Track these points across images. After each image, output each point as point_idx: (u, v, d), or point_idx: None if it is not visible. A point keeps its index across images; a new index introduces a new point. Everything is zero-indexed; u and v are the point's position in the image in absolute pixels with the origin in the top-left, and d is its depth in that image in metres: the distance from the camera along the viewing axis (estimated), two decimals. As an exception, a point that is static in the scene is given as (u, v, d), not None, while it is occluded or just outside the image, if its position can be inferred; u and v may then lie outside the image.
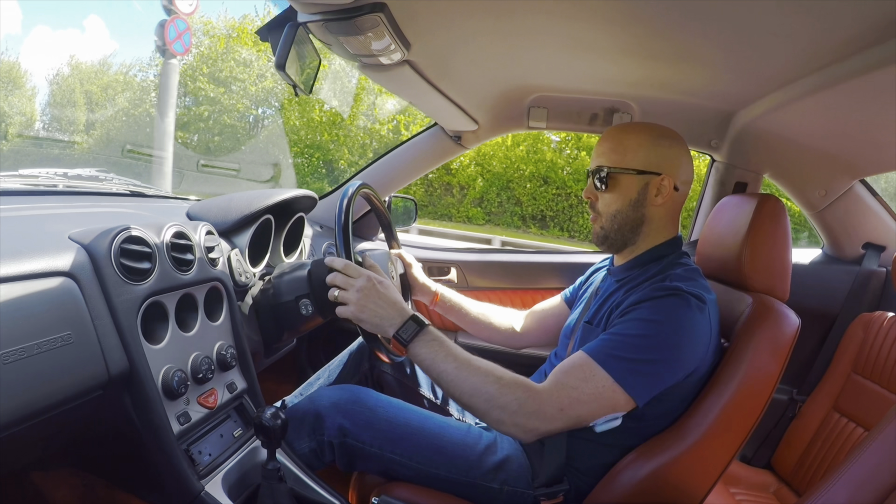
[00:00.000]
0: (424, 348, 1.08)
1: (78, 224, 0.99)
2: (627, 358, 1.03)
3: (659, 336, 1.04)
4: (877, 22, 0.92)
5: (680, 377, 1.06)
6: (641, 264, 1.21)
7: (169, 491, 1.00)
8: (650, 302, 1.07)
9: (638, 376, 1.03)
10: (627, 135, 1.20)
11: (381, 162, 2.13)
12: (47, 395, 0.80)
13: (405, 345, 1.09)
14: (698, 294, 1.07)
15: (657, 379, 1.04)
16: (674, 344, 1.04)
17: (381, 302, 1.11)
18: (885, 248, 1.85)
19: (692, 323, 1.05)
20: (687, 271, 1.15)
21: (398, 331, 1.09)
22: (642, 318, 1.06)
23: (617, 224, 1.20)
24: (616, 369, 1.02)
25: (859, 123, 1.34)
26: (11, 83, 17.74)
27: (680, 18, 1.04)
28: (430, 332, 1.10)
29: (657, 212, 1.19)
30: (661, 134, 1.20)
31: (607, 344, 1.06)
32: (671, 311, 1.05)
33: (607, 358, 1.04)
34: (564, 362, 1.09)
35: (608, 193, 1.20)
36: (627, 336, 1.05)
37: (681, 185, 1.20)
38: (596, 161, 1.21)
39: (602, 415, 1.04)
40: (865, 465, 1.00)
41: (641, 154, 1.17)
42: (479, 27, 1.18)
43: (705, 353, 1.09)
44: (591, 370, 1.04)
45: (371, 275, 1.13)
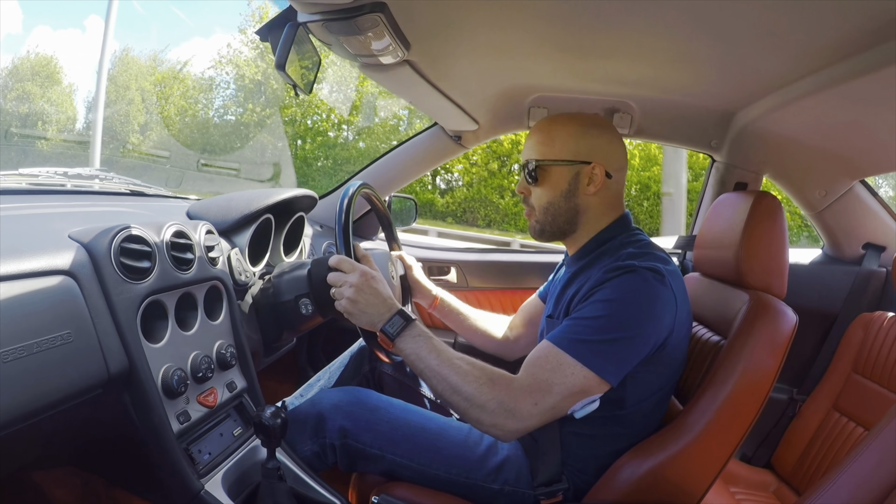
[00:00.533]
0: (410, 343, 1.09)
1: (78, 223, 0.99)
2: (590, 340, 1.03)
3: (619, 314, 1.04)
4: (876, 22, 0.92)
5: (648, 351, 1.06)
6: (590, 250, 1.20)
7: (169, 490, 1.00)
8: (607, 283, 1.07)
9: (604, 356, 1.02)
10: (555, 126, 1.20)
11: (381, 162, 2.13)
12: (47, 393, 0.80)
13: (392, 339, 1.10)
14: (653, 267, 1.06)
15: (623, 356, 1.04)
16: (635, 320, 1.04)
17: (371, 297, 1.11)
18: (885, 249, 1.85)
19: (652, 297, 1.05)
20: (638, 247, 1.14)
21: (385, 325, 1.10)
22: (600, 299, 1.06)
23: (550, 216, 1.20)
24: (581, 353, 1.02)
25: (859, 124, 1.34)
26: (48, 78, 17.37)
27: (680, 19, 1.04)
28: (417, 328, 1.11)
29: (592, 200, 1.19)
30: (589, 122, 1.19)
31: (569, 330, 1.06)
32: (627, 287, 1.05)
33: (570, 343, 1.03)
34: (531, 354, 1.09)
35: (539, 187, 1.20)
36: (587, 318, 1.05)
37: (614, 172, 1.18)
38: (525, 155, 1.22)
39: (575, 401, 1.03)
40: (865, 465, 1.00)
41: (570, 144, 1.17)
42: (479, 27, 1.18)
43: (672, 322, 1.07)
44: (558, 358, 1.03)
45: (364, 269, 1.14)
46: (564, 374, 1.02)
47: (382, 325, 1.10)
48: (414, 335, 1.10)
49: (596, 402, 1.05)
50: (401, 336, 1.09)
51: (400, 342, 1.09)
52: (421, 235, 7.61)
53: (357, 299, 1.11)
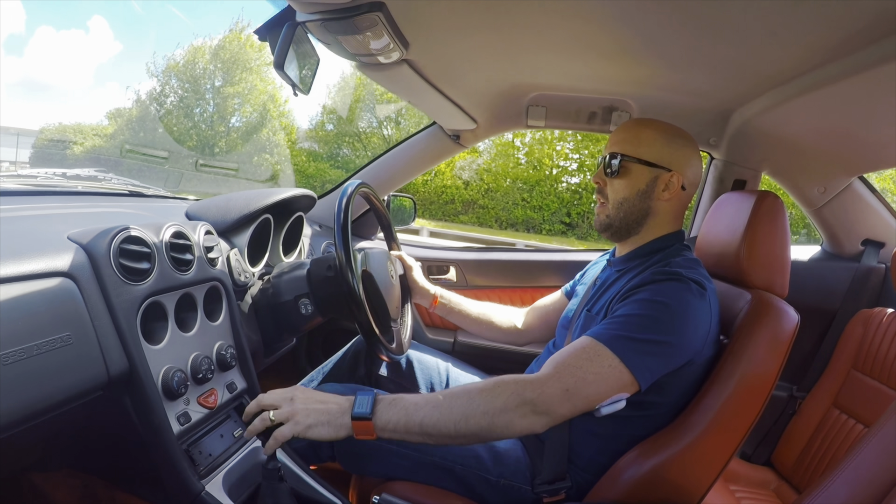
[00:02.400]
0: (390, 410, 0.98)
1: (77, 224, 0.99)
2: (632, 338, 1.02)
3: (663, 317, 1.04)
4: (874, 20, 0.92)
5: (681, 361, 1.06)
6: (642, 255, 1.22)
7: (169, 491, 1.00)
8: (652, 285, 1.08)
9: (643, 356, 1.02)
10: (645, 128, 1.22)
11: (379, 161, 2.13)
12: (47, 395, 0.80)
13: (370, 418, 0.96)
14: (699, 280, 1.08)
15: (661, 360, 1.04)
16: (677, 326, 1.04)
17: (318, 398, 1.00)
18: (885, 245, 1.85)
19: (694, 307, 1.05)
20: (687, 260, 1.15)
21: (354, 410, 0.97)
22: (645, 298, 1.06)
23: (623, 212, 1.22)
24: (621, 349, 1.01)
25: (857, 121, 1.34)
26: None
27: (678, 17, 1.04)
28: (384, 395, 1.01)
29: (662, 206, 1.20)
30: (677, 133, 1.21)
31: (611, 325, 1.06)
32: (674, 293, 1.05)
33: (612, 338, 1.03)
34: (565, 348, 1.08)
35: (618, 180, 1.21)
36: (631, 316, 1.05)
37: (688, 186, 1.21)
38: (611, 148, 1.23)
39: (607, 396, 1.02)
40: (865, 462, 1.01)
41: (655, 148, 1.19)
42: (477, 26, 1.18)
43: (705, 340, 1.08)
44: (596, 350, 1.02)
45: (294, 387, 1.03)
46: (601, 366, 1.01)
47: (352, 412, 0.97)
48: (388, 402, 0.99)
49: (622, 402, 1.04)
50: (377, 410, 0.97)
51: (379, 416, 0.97)
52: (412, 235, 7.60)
53: (308, 407, 0.97)
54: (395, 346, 1.34)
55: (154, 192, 1.68)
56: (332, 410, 0.97)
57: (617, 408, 1.04)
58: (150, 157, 13.74)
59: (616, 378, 1.01)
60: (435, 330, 2.10)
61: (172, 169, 14.72)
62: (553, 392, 0.99)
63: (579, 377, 1.01)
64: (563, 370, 1.02)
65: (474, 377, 1.56)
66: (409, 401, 0.99)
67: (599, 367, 1.01)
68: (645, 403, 1.11)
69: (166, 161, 15.22)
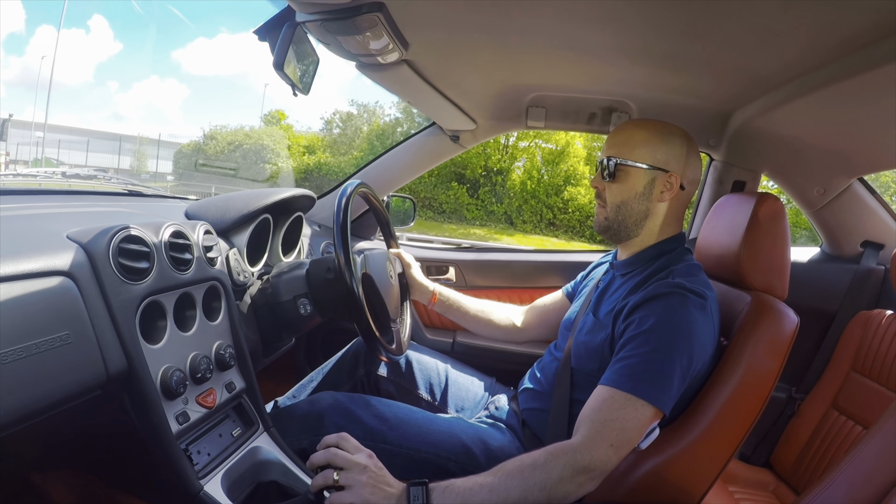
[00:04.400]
0: (446, 499, 0.95)
1: (76, 223, 0.98)
2: (650, 379, 1.03)
3: (670, 346, 1.05)
4: (873, 21, 0.92)
5: (693, 376, 1.08)
6: (644, 260, 1.22)
7: (168, 490, 1.00)
8: (654, 302, 1.08)
9: (663, 391, 1.03)
10: (640, 130, 1.22)
11: (379, 161, 2.14)
12: (46, 395, 0.79)
13: None
14: (700, 291, 1.08)
15: (677, 384, 1.05)
16: (684, 350, 1.05)
17: (387, 479, 0.97)
18: (884, 246, 1.85)
19: (697, 324, 1.06)
20: (688, 267, 1.16)
21: (410, 500, 0.94)
22: (649, 328, 1.06)
23: (621, 215, 1.22)
24: (644, 392, 1.02)
25: (856, 122, 1.34)
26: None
27: (677, 18, 1.04)
28: (437, 483, 0.97)
29: (662, 208, 1.20)
30: (673, 132, 1.21)
31: (625, 371, 1.06)
32: (676, 313, 1.06)
33: (633, 386, 1.03)
34: (590, 404, 1.07)
35: (615, 184, 1.21)
36: (642, 355, 1.05)
37: (687, 185, 1.21)
38: (607, 151, 1.23)
39: (644, 434, 1.04)
40: (864, 463, 1.01)
41: (651, 150, 1.19)
42: (477, 26, 1.18)
43: (708, 351, 1.10)
44: (623, 399, 1.03)
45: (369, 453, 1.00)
46: (633, 410, 1.02)
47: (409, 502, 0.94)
48: (443, 489, 0.96)
49: (657, 431, 1.06)
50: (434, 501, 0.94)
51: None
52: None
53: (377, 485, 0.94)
54: (395, 347, 1.34)
55: (153, 192, 1.68)
56: (392, 498, 0.94)
57: (653, 437, 1.05)
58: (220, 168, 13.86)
59: (649, 416, 1.03)
60: (434, 330, 2.10)
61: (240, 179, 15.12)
62: (602, 452, 1.00)
63: (619, 429, 1.01)
64: (602, 427, 1.02)
65: (473, 378, 1.56)
66: (464, 486, 0.97)
67: (633, 414, 1.02)
68: None
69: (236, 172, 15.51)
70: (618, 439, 1.01)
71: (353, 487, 0.93)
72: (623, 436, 1.01)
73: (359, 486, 0.93)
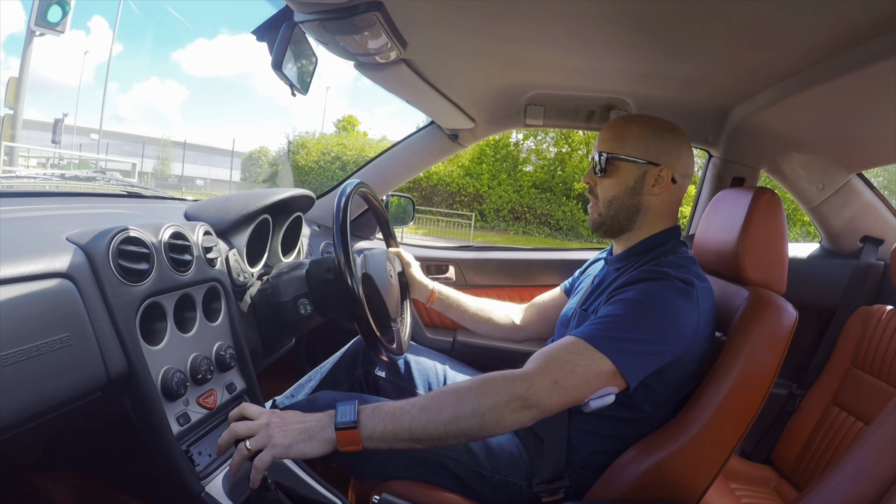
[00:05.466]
0: (375, 418, 0.94)
1: (75, 225, 0.98)
2: (617, 337, 1.02)
3: (645, 316, 1.04)
4: (872, 16, 0.92)
5: (667, 360, 1.06)
6: (637, 253, 1.22)
7: (169, 492, 1.00)
8: (637, 284, 1.08)
9: (629, 355, 1.02)
10: (630, 124, 1.22)
11: (377, 161, 2.13)
12: (47, 397, 0.79)
13: (356, 426, 0.93)
14: (686, 279, 1.08)
15: (646, 358, 1.04)
16: (659, 326, 1.04)
17: (294, 417, 0.96)
18: (883, 242, 1.86)
19: (677, 307, 1.05)
20: (680, 258, 1.16)
21: (338, 421, 0.93)
22: (628, 298, 1.07)
23: (613, 210, 1.22)
24: (607, 348, 1.01)
25: (855, 118, 1.34)
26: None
27: (676, 15, 1.04)
28: (365, 405, 0.97)
29: (654, 202, 1.20)
30: (663, 127, 1.21)
31: (595, 325, 1.06)
32: (657, 293, 1.06)
33: (597, 337, 1.03)
34: (551, 344, 1.08)
35: (606, 179, 1.21)
36: (614, 315, 1.05)
37: (679, 178, 1.20)
38: (598, 147, 1.23)
39: (596, 389, 1.01)
40: (865, 459, 1.01)
41: (642, 144, 1.19)
42: (475, 25, 1.18)
43: (692, 340, 1.08)
44: (582, 346, 1.02)
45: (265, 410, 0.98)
46: (588, 360, 1.01)
47: (335, 424, 0.93)
48: (371, 410, 0.96)
49: (611, 397, 1.03)
50: (361, 419, 0.94)
51: (365, 425, 0.93)
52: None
53: (286, 428, 0.93)
54: (396, 346, 1.34)
55: (152, 193, 1.68)
56: (313, 426, 0.93)
57: (605, 402, 1.02)
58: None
59: (604, 372, 1.01)
60: (434, 329, 2.10)
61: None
62: (542, 384, 0.99)
63: (567, 370, 1.00)
64: (551, 363, 1.01)
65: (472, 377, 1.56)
66: (395, 406, 0.97)
67: (588, 361, 1.01)
68: (637, 405, 1.11)
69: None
70: (563, 379, 0.99)
71: (267, 444, 0.90)
72: (569, 378, 0.99)
73: (269, 439, 0.91)
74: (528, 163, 17.80)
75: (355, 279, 1.19)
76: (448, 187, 17.35)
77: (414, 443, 0.95)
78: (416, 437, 0.95)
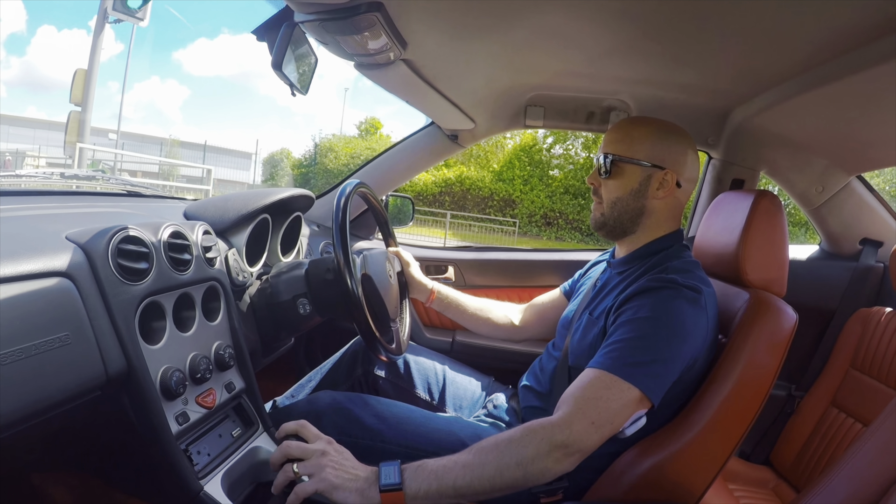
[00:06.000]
0: (419, 478, 0.94)
1: (75, 224, 0.98)
2: (638, 362, 1.03)
3: (660, 334, 1.04)
4: (872, 19, 0.92)
5: (681, 371, 1.07)
6: (641, 257, 1.22)
7: (168, 491, 1.00)
8: (646, 295, 1.08)
9: (651, 377, 1.02)
10: (636, 127, 1.22)
11: (377, 161, 2.14)
12: (45, 396, 0.79)
13: (400, 488, 0.92)
14: (694, 286, 1.08)
15: (666, 375, 1.04)
16: (674, 340, 1.04)
17: (349, 462, 0.97)
18: (883, 244, 1.86)
19: (688, 316, 1.06)
20: (685, 263, 1.15)
21: (382, 483, 0.93)
22: (640, 316, 1.06)
23: (617, 212, 1.22)
24: (630, 375, 1.02)
25: (855, 120, 1.35)
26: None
27: (677, 17, 1.04)
28: (408, 465, 0.96)
29: (658, 205, 1.20)
30: (670, 130, 1.21)
31: (614, 353, 1.05)
32: (667, 305, 1.06)
33: (619, 367, 1.03)
34: (574, 384, 1.06)
35: (611, 181, 1.21)
36: (630, 339, 1.05)
37: (684, 183, 1.21)
38: (604, 148, 1.23)
39: (628, 418, 1.03)
40: (864, 460, 1.01)
41: (647, 146, 1.19)
42: (475, 26, 1.18)
43: (703, 345, 1.09)
44: (609, 380, 1.02)
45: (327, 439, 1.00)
46: (619, 391, 1.01)
47: (381, 484, 0.93)
48: (414, 469, 0.95)
49: (643, 420, 1.04)
50: (406, 479, 0.93)
51: (410, 485, 0.93)
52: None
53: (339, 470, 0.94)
54: (395, 347, 1.34)
55: (152, 192, 1.68)
56: (360, 479, 0.93)
57: (639, 426, 1.04)
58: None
59: (633, 399, 1.02)
60: (433, 329, 2.10)
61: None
62: (581, 429, 0.99)
63: (602, 407, 1.00)
64: (584, 404, 1.01)
65: (471, 377, 1.56)
66: (437, 464, 0.96)
67: (618, 395, 1.01)
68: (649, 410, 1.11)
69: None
70: (599, 418, 0.99)
71: (315, 475, 0.92)
72: (605, 415, 1.00)
73: (320, 470, 0.92)
74: (555, 167, 17.84)
75: (355, 280, 1.19)
76: (480, 192, 17.41)
77: (459, 499, 0.95)
78: (462, 494, 0.94)
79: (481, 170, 17.73)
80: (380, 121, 22.95)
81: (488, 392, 1.53)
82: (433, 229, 15.71)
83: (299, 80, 1.27)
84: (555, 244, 16.27)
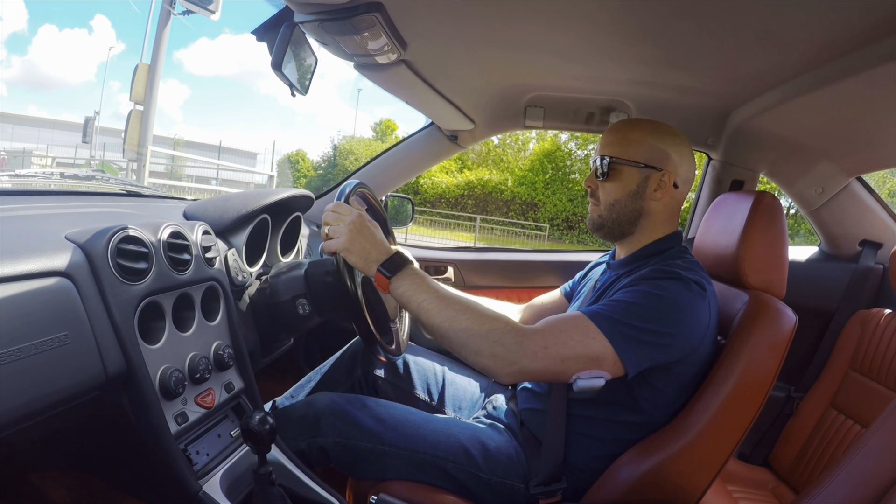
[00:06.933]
0: (406, 281, 1.07)
1: (74, 224, 0.98)
2: (623, 322, 1.02)
3: (658, 308, 1.04)
4: (871, 20, 0.92)
5: (676, 356, 1.06)
6: (641, 258, 1.22)
7: (167, 491, 0.99)
8: (651, 280, 1.08)
9: (632, 342, 1.02)
10: (633, 128, 1.22)
11: (377, 162, 2.14)
12: (45, 395, 0.79)
13: (388, 277, 1.08)
14: (699, 281, 1.08)
15: (650, 350, 1.03)
16: (672, 319, 1.04)
17: (369, 237, 1.11)
18: (882, 245, 1.86)
19: (691, 304, 1.06)
20: (688, 262, 1.15)
21: (382, 264, 1.08)
22: (643, 290, 1.06)
23: (615, 214, 1.22)
24: (610, 330, 1.01)
25: (855, 122, 1.35)
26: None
27: (676, 18, 1.04)
28: (413, 269, 1.10)
29: (655, 206, 1.20)
30: (666, 131, 1.21)
31: (604, 308, 1.06)
32: (671, 289, 1.06)
33: (603, 319, 1.03)
34: (560, 314, 1.09)
35: (608, 183, 1.21)
36: (625, 303, 1.05)
37: (681, 184, 1.20)
38: (601, 150, 1.23)
39: (585, 368, 1.01)
40: (863, 462, 1.01)
41: (644, 148, 1.19)
42: (475, 27, 1.18)
43: (702, 338, 1.08)
44: (585, 324, 1.03)
45: (362, 212, 1.14)
46: (586, 336, 1.01)
47: (379, 265, 1.09)
48: (410, 274, 1.08)
49: (601, 381, 1.02)
50: (397, 275, 1.08)
51: (396, 281, 1.07)
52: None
53: (355, 238, 1.09)
54: (394, 347, 1.34)
55: (152, 192, 1.68)
56: (370, 254, 1.09)
57: (593, 384, 1.01)
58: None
59: (598, 353, 1.01)
60: None
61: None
62: (531, 346, 1.00)
63: (561, 340, 1.01)
64: (548, 329, 1.02)
65: (470, 378, 1.57)
66: (424, 283, 1.08)
67: (584, 337, 1.01)
68: (640, 406, 1.11)
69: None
70: (553, 347, 1.00)
71: (336, 237, 1.10)
72: (558, 348, 1.00)
73: (342, 235, 1.10)
74: (576, 171, 17.83)
75: (355, 282, 1.19)
76: (503, 195, 17.42)
77: (417, 315, 1.07)
78: (418, 315, 1.06)
79: (504, 172, 17.71)
80: (395, 122, 22.99)
81: (487, 393, 1.53)
82: (457, 233, 15.73)
83: (299, 81, 1.27)
84: (578, 248, 16.37)
